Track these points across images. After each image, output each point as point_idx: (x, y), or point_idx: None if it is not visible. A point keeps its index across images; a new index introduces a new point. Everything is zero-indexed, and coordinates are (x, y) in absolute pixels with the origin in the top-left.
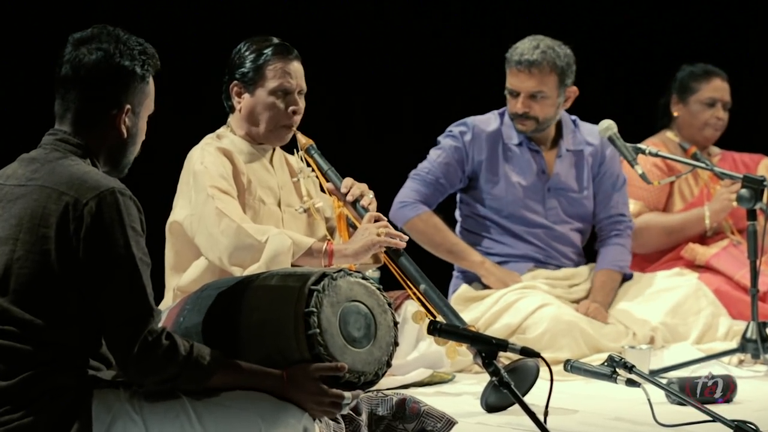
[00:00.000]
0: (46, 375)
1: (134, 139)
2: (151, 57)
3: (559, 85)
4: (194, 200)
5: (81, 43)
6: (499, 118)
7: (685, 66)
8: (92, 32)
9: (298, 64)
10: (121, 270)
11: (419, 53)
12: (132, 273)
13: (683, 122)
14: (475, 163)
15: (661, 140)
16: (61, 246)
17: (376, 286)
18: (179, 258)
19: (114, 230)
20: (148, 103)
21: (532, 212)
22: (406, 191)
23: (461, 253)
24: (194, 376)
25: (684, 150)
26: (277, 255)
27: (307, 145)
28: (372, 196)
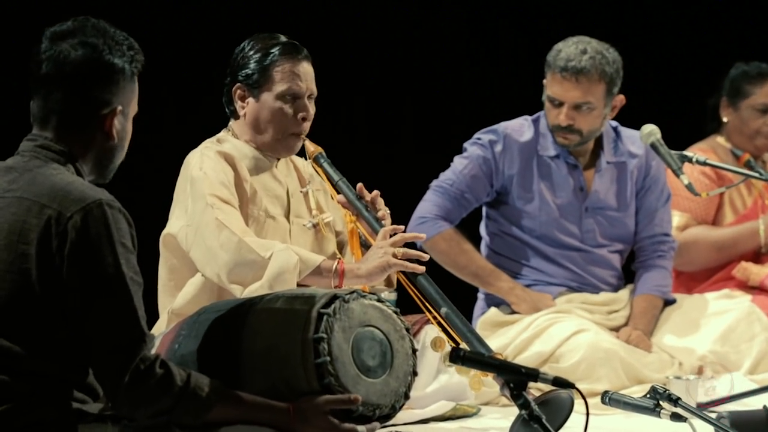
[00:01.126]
0: (26, 408)
1: (123, 143)
2: (138, 52)
3: (607, 94)
4: (191, 209)
5: (61, 38)
6: (533, 126)
7: (739, 64)
8: (73, 25)
9: (308, 65)
10: (109, 291)
11: (442, 49)
12: (122, 294)
13: (733, 128)
14: (506, 177)
15: (710, 146)
16: (43, 265)
17: (392, 310)
18: (173, 276)
19: (101, 247)
20: (134, 103)
21: (567, 234)
22: (427, 205)
23: (488, 277)
24: (191, 409)
25: (736, 157)
26: (281, 273)
27: (316, 153)
28: (387, 210)
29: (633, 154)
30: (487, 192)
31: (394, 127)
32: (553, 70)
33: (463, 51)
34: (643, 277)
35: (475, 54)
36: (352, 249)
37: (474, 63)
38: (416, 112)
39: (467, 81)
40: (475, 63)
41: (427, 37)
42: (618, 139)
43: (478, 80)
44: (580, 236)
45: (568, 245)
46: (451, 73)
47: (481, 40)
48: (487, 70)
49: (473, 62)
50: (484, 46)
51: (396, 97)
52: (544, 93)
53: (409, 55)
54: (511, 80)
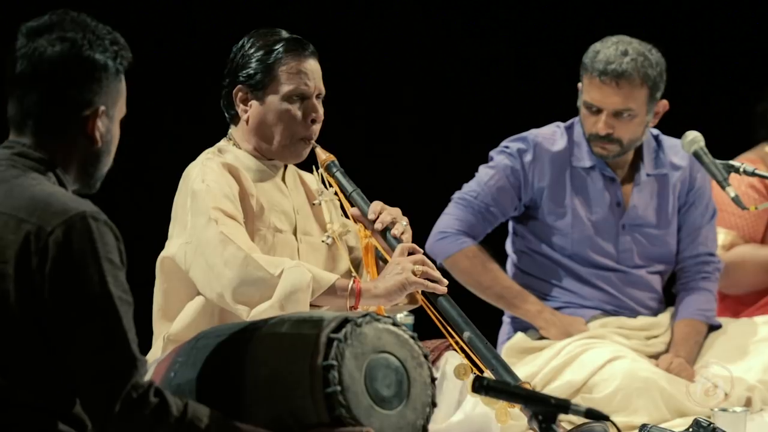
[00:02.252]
0: None
1: (109, 147)
2: (123, 48)
3: (649, 100)
4: (191, 225)
5: (38, 33)
6: (566, 134)
7: None
8: (51, 19)
9: (315, 63)
10: (96, 312)
11: (468, 49)
12: (110, 315)
13: None
14: (536, 189)
15: (759, 156)
16: (22, 284)
17: (409, 335)
18: (170, 300)
19: (86, 263)
20: (121, 103)
21: (602, 253)
22: (448, 219)
23: (514, 299)
24: None
25: None
26: (294, 292)
27: (328, 161)
28: (405, 223)
29: (676, 165)
30: (515, 206)
31: (413, 134)
32: (591, 73)
33: (490, 51)
34: (685, 300)
35: (504, 55)
36: (367, 266)
37: (502, 64)
38: (437, 117)
39: (494, 84)
40: (504, 64)
41: (451, 36)
42: (659, 149)
43: (506, 83)
44: (616, 256)
45: (603, 265)
46: (478, 75)
47: (510, 40)
48: (516, 72)
49: (501, 63)
50: (512, 47)
51: (415, 100)
52: (580, 98)
53: (432, 55)
54: (542, 83)
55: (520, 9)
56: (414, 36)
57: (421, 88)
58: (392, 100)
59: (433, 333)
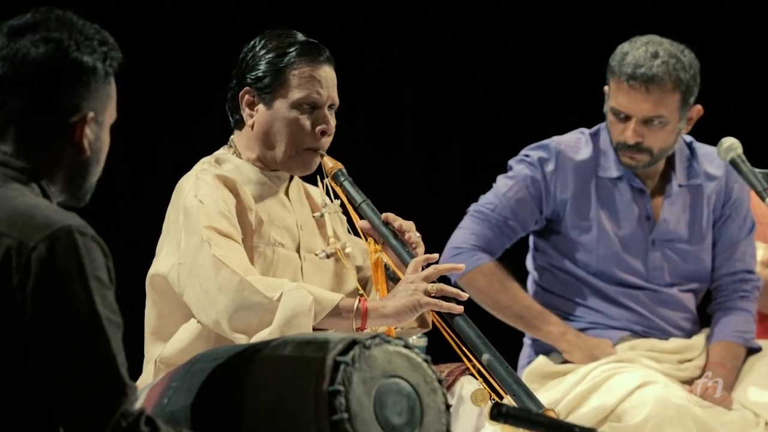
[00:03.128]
0: None
1: (98, 156)
2: (113, 48)
3: (682, 105)
4: (184, 245)
5: (20, 33)
6: (591, 141)
7: None
8: (34, 18)
9: (330, 70)
10: (82, 334)
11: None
12: (97, 337)
13: None
14: (558, 201)
15: None
16: (2, 304)
17: (422, 358)
18: (163, 321)
19: (72, 282)
20: (111, 108)
21: (630, 271)
22: (464, 234)
23: (535, 319)
24: None
25: None
26: (294, 316)
27: (335, 170)
28: (418, 237)
29: (711, 175)
30: (536, 219)
31: (426, 141)
32: (618, 77)
33: (509, 52)
34: (721, 321)
35: (524, 56)
36: (376, 284)
37: (522, 66)
38: (452, 124)
39: (513, 87)
40: (524, 66)
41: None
42: (693, 158)
43: (526, 86)
44: (646, 274)
45: (631, 283)
46: (496, 78)
47: (531, 40)
48: (537, 75)
49: (521, 65)
50: (533, 47)
51: (429, 106)
52: (607, 103)
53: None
54: (565, 86)
55: (542, 6)
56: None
57: (435, 92)
58: (404, 106)
59: (449, 356)
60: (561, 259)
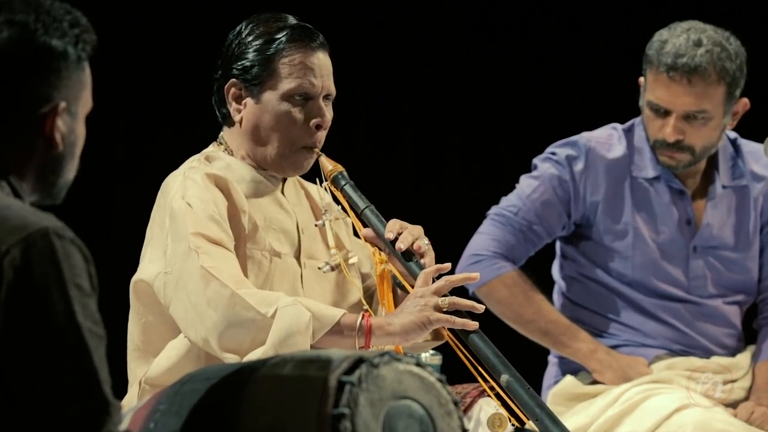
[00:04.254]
0: None
1: (72, 150)
2: (85, 30)
3: (727, 99)
4: (171, 252)
5: None
6: (625, 137)
7: None
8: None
9: (325, 57)
10: (61, 347)
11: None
12: (77, 351)
13: None
14: (588, 204)
15: None
16: None
17: (436, 377)
18: (148, 337)
19: (49, 290)
20: (85, 97)
21: (669, 281)
22: (483, 239)
23: (562, 335)
24: None
25: None
26: (290, 335)
27: (335, 172)
28: (427, 243)
29: (757, 175)
30: (563, 223)
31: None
32: (657, 67)
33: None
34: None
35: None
36: (382, 298)
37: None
38: (468, 117)
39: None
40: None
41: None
42: (738, 157)
43: (551, 75)
44: (686, 284)
45: (670, 295)
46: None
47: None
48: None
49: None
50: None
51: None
52: (643, 96)
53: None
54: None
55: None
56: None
57: (447, 81)
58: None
59: (465, 376)
60: (592, 267)
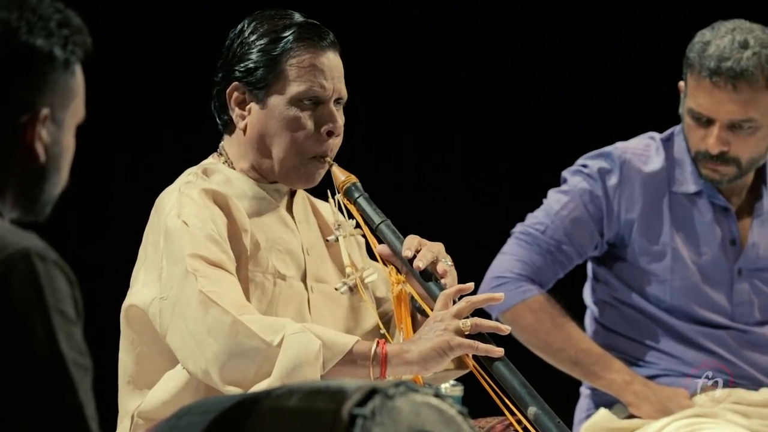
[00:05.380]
0: None
1: (57, 163)
2: (76, 31)
3: None
4: (166, 275)
5: None
6: (663, 148)
7: None
8: None
9: (336, 57)
10: (43, 379)
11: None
12: (61, 384)
13: None
14: (623, 222)
15: None
16: None
17: (456, 410)
18: (142, 367)
19: (30, 317)
20: (75, 105)
21: (711, 307)
22: (507, 260)
23: (595, 365)
24: None
25: None
26: (298, 366)
27: (348, 183)
28: (450, 263)
29: None
30: (595, 243)
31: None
32: (698, 72)
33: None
34: None
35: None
36: (399, 322)
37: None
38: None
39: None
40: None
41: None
42: None
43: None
44: (730, 310)
45: (713, 322)
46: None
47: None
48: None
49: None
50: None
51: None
52: (683, 103)
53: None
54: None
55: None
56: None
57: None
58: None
59: (489, 408)
60: (626, 291)
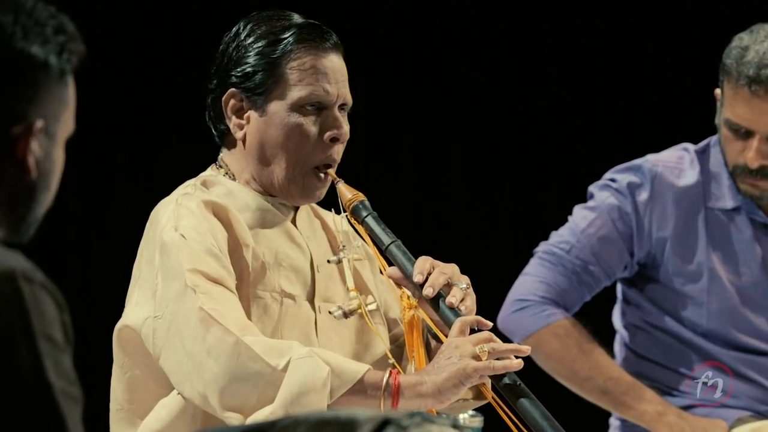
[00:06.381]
0: None
1: (47, 180)
2: (72, 39)
3: None
4: (162, 293)
5: None
6: (698, 161)
7: None
8: None
9: (339, 60)
10: (29, 410)
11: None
12: (47, 416)
13: None
14: (655, 240)
15: None
16: None
17: None
18: (135, 395)
19: (14, 343)
20: (66, 117)
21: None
22: (530, 282)
23: (625, 395)
24: None
25: None
26: (303, 393)
27: (355, 201)
28: (466, 286)
29: None
30: (625, 263)
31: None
32: (736, 80)
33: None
34: None
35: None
36: (411, 350)
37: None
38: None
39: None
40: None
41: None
42: None
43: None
44: None
45: (753, 348)
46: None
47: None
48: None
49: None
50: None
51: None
52: (720, 113)
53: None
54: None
55: None
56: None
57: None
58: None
59: None
60: (659, 315)
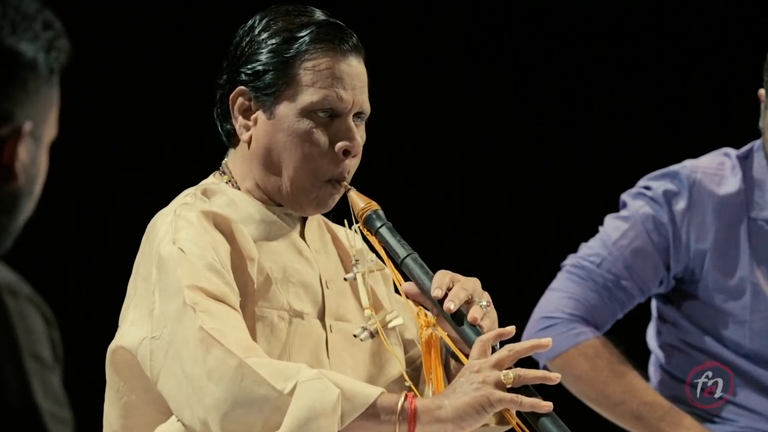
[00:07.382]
0: None
1: (32, 186)
2: (59, 36)
3: None
4: (159, 311)
5: None
6: (740, 168)
7: None
8: None
9: (359, 64)
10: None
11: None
12: None
13: None
14: (693, 253)
15: None
16: None
17: None
18: (130, 421)
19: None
20: (51, 120)
21: None
22: (558, 298)
23: (661, 421)
24: None
25: None
26: (312, 418)
27: (368, 211)
28: (487, 303)
29: None
30: (660, 278)
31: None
32: None
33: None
34: None
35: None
36: (428, 371)
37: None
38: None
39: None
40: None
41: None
42: None
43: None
44: None
45: None
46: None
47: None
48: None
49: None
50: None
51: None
52: (764, 116)
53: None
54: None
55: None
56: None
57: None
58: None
59: None
60: (698, 334)
